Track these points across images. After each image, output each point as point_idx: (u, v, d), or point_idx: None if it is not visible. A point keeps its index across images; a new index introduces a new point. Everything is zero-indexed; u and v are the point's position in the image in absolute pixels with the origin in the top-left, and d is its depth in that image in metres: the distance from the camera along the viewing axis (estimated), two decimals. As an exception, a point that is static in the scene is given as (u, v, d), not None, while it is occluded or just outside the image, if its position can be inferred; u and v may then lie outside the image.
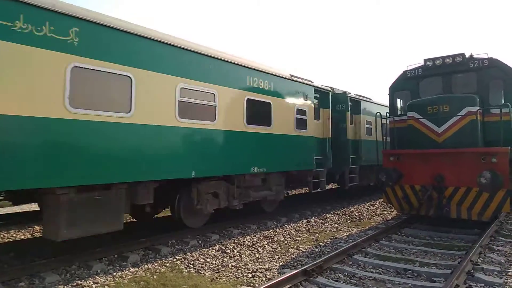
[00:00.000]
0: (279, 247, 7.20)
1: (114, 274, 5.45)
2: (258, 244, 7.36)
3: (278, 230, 8.58)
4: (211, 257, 6.44)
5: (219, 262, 6.16)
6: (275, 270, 5.65)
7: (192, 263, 6.07)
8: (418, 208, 8.24)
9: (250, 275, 5.41)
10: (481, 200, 7.49)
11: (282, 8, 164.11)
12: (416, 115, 8.61)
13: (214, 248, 6.96)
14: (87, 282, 5.08)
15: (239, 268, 5.80)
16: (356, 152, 13.04)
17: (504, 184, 7.19)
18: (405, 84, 10.00)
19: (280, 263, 6.05)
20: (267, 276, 5.38)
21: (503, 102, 8.45)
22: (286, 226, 9.01)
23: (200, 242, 7.36)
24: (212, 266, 5.94)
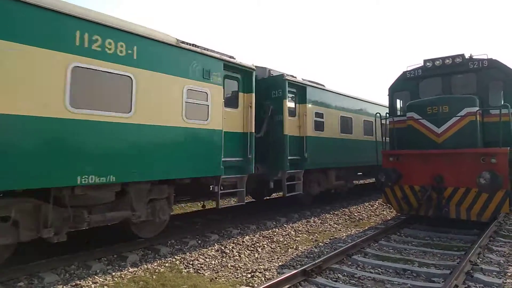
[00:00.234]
0: (278, 247, 7.20)
1: (113, 274, 5.44)
2: (258, 244, 7.36)
3: (277, 230, 8.57)
4: (210, 257, 6.44)
5: (218, 262, 6.16)
6: (274, 270, 5.65)
7: (191, 263, 6.07)
8: (418, 209, 8.25)
9: (249, 275, 5.41)
10: (480, 200, 7.50)
11: (282, 8, 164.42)
12: (415, 115, 8.62)
13: (213, 248, 6.96)
14: (86, 282, 5.07)
15: (238, 268, 5.80)
16: (301, 152, 10.46)
17: (504, 184, 7.20)
18: (404, 85, 10.01)
19: (279, 263, 6.05)
20: (266, 276, 5.38)
21: (502, 103, 8.46)
22: (285, 226, 9.00)
23: (199, 242, 7.35)
24: (211, 266, 5.94)
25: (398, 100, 10.38)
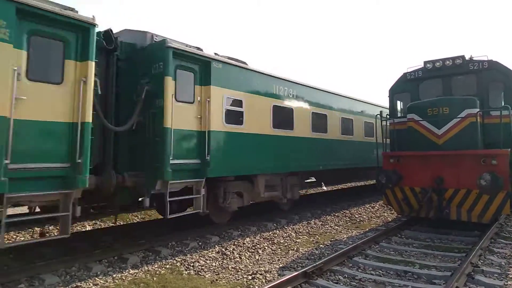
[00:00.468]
0: (279, 249, 7.20)
1: (114, 276, 5.45)
2: (258, 246, 7.36)
3: (278, 232, 8.57)
4: (211, 259, 6.44)
5: (219, 264, 6.16)
6: (275, 272, 5.65)
7: (192, 265, 6.06)
8: (418, 210, 8.24)
9: (250, 277, 5.41)
10: (481, 202, 7.49)
11: (282, 8, 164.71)
12: (416, 117, 8.62)
13: (214, 250, 6.95)
14: (87, 284, 5.08)
15: (239, 270, 5.80)
16: (201, 154, 7.47)
17: (504, 186, 7.19)
18: (405, 86, 10.02)
19: (280, 265, 6.04)
20: (267, 278, 5.38)
21: (503, 104, 8.46)
22: (286, 228, 9.00)
23: (200, 243, 7.35)
24: (212, 268, 5.94)
25: (398, 102, 10.39)
